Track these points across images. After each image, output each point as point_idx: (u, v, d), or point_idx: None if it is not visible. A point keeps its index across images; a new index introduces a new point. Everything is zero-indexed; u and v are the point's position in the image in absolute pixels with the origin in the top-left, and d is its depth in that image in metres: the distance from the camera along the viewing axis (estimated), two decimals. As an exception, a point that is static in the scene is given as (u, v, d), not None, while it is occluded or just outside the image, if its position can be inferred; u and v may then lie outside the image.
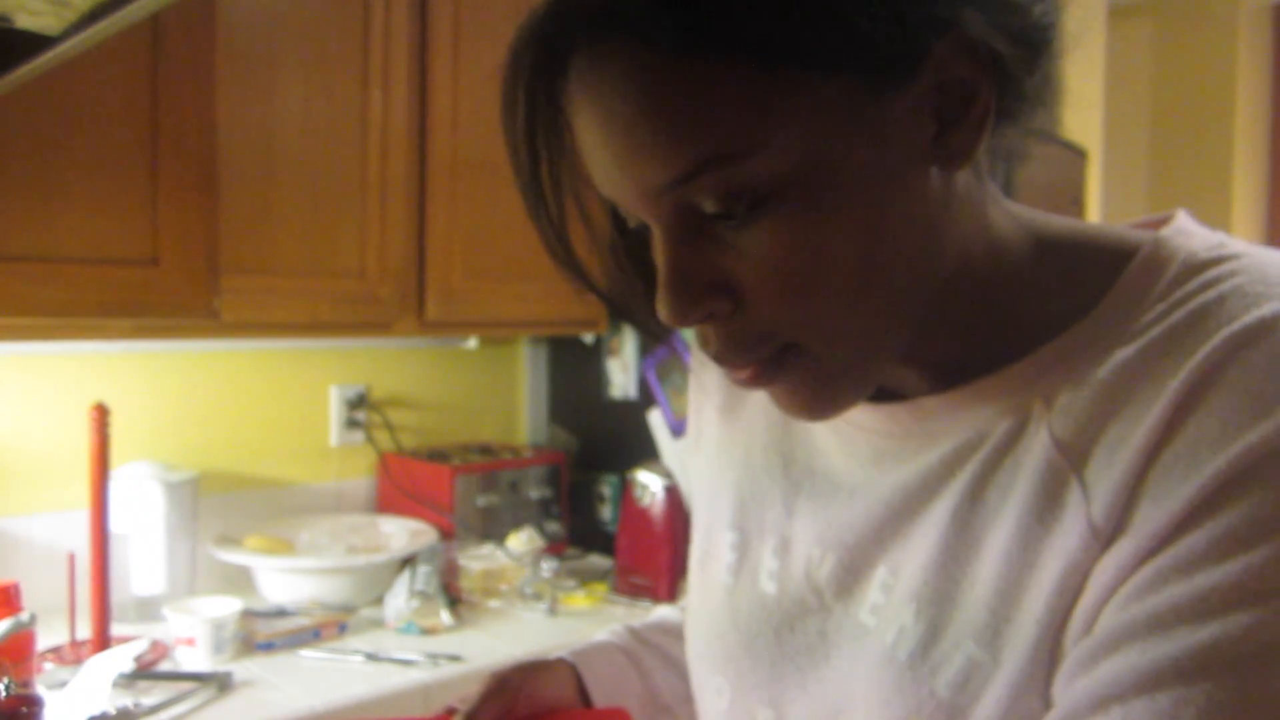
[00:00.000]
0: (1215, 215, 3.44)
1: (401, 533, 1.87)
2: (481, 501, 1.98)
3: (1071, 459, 0.45)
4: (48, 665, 1.43)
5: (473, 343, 2.21)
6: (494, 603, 1.79)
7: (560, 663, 0.73)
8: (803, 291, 0.45)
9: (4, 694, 1.11)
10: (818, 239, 0.44)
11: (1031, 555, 0.45)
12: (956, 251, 0.49)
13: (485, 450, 2.14)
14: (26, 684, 1.26)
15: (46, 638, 1.47)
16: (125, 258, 1.32)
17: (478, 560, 1.81)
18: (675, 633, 0.77)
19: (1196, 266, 0.46)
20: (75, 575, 1.50)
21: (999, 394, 0.48)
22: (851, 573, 0.54)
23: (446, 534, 1.91)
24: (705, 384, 0.68)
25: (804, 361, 0.47)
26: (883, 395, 0.54)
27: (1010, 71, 0.46)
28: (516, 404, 2.37)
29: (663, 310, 0.46)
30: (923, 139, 0.45)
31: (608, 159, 0.45)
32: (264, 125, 1.55)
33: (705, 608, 0.63)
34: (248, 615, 1.57)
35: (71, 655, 1.46)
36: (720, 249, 0.45)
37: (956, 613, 0.47)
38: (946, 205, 0.47)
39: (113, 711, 1.26)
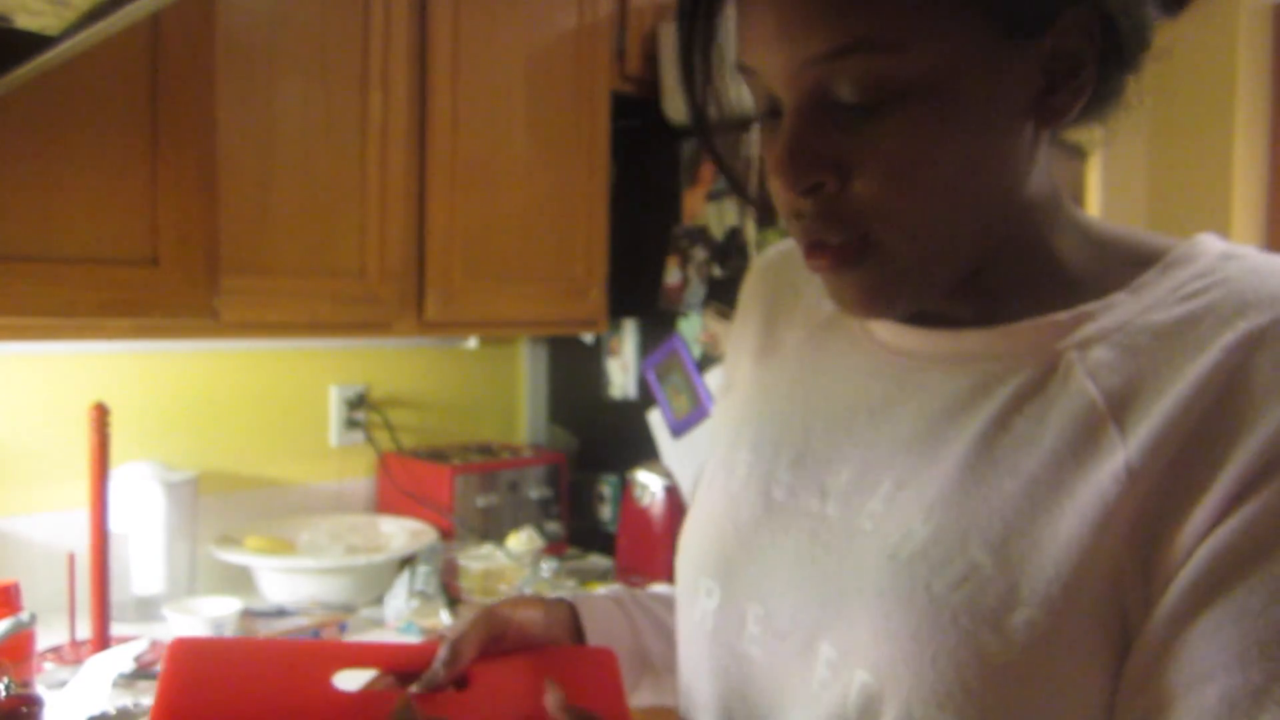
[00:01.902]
0: (1215, 215, 3.44)
1: (401, 533, 1.87)
2: (481, 501, 1.98)
3: (1111, 404, 0.50)
4: (48, 665, 1.43)
5: (472, 343, 2.21)
6: (494, 603, 1.79)
7: (560, 601, 0.74)
8: (902, 187, 0.50)
9: (4, 694, 1.11)
10: (928, 144, 0.50)
11: (1059, 482, 0.49)
12: (1027, 204, 0.55)
13: (485, 450, 2.14)
14: (26, 684, 1.26)
15: (46, 638, 1.47)
16: (125, 258, 1.32)
17: (477, 560, 1.81)
18: (669, 603, 0.78)
19: (1223, 259, 0.52)
20: (75, 575, 1.50)
21: (1035, 337, 0.53)
22: (859, 485, 0.57)
23: (446, 534, 1.91)
24: (745, 335, 0.73)
25: (878, 256, 0.52)
26: (922, 322, 0.59)
27: (1113, 59, 0.53)
28: (516, 404, 2.37)
29: (779, 176, 0.51)
30: (1030, 92, 0.52)
31: (771, 27, 0.50)
32: (264, 125, 1.55)
33: (708, 515, 0.66)
34: (248, 615, 1.57)
35: (71, 655, 1.46)
36: (839, 132, 0.51)
37: (967, 522, 0.51)
38: (1032, 159, 0.55)
39: (113, 711, 1.26)
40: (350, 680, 0.66)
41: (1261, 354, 0.47)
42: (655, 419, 2.04)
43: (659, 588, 0.84)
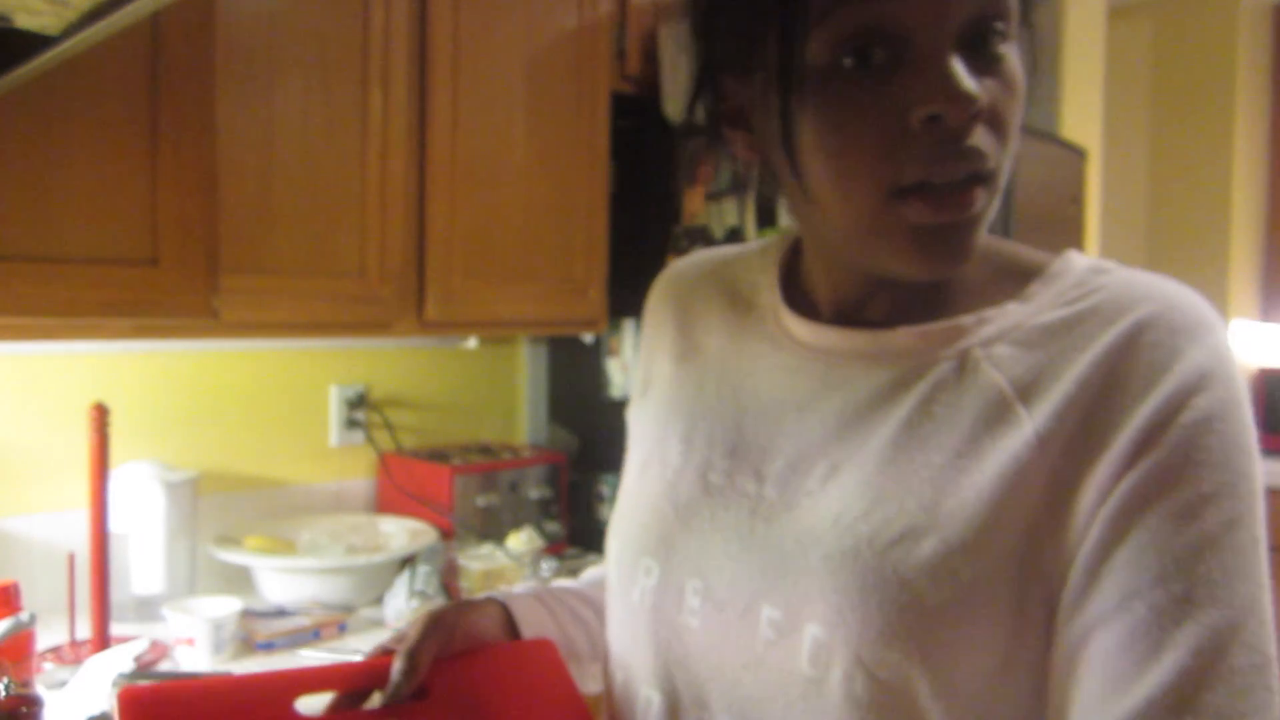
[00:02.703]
0: (1215, 215, 3.44)
1: (401, 533, 1.87)
2: (481, 501, 1.98)
3: (1016, 389, 0.59)
4: (48, 665, 1.43)
5: (472, 342, 2.21)
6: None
7: (490, 601, 0.79)
8: (1012, 127, 0.58)
9: (4, 694, 1.11)
10: (1020, 93, 0.58)
11: (977, 452, 0.58)
12: None
13: (485, 450, 2.14)
14: (26, 684, 1.26)
15: (46, 638, 1.47)
16: (125, 258, 1.32)
17: (477, 560, 1.81)
18: (579, 595, 0.85)
19: (1093, 273, 0.62)
20: (75, 575, 1.50)
21: (945, 338, 0.62)
22: (795, 469, 0.64)
23: (446, 534, 1.91)
24: (661, 339, 0.79)
25: (986, 194, 0.58)
26: (837, 324, 0.67)
27: None
28: (516, 404, 2.37)
29: (946, 95, 0.54)
30: None
31: None
32: (264, 125, 1.55)
33: (645, 501, 0.71)
34: (247, 615, 1.57)
35: (71, 655, 1.46)
36: (982, 64, 0.56)
37: (902, 489, 0.59)
38: None
39: (113, 712, 1.26)
40: (311, 706, 0.66)
41: (1145, 336, 0.56)
42: (655, 419, 2.04)
43: (564, 581, 0.89)
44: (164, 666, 1.46)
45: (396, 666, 0.68)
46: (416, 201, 1.74)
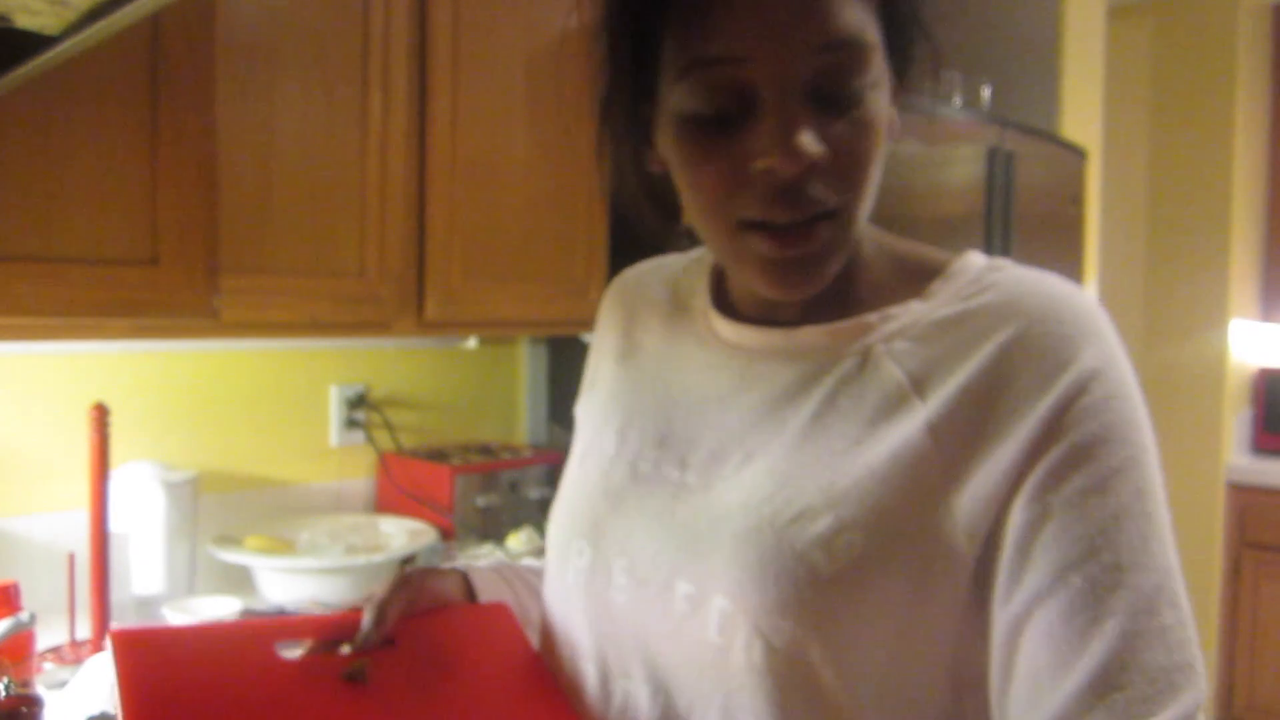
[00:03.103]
0: (1214, 215, 3.44)
1: (401, 533, 1.87)
2: (481, 501, 1.98)
3: (912, 381, 0.63)
4: (48, 665, 1.43)
5: (472, 343, 2.21)
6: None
7: (451, 569, 0.86)
8: (861, 168, 0.62)
9: (4, 694, 1.11)
10: (874, 134, 0.62)
11: (875, 439, 0.62)
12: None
13: (485, 450, 2.14)
14: (26, 684, 1.26)
15: (46, 638, 1.47)
16: (125, 258, 1.32)
17: (477, 560, 1.81)
18: (538, 572, 0.88)
19: (989, 270, 0.67)
20: (75, 575, 1.50)
21: (852, 335, 0.67)
22: (715, 457, 0.69)
23: (446, 534, 1.91)
24: (606, 339, 0.85)
25: (832, 227, 0.62)
26: (755, 323, 0.72)
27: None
28: (516, 404, 2.37)
29: (782, 152, 0.59)
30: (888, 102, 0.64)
31: (783, 16, 0.58)
32: (264, 125, 1.55)
33: (580, 488, 0.76)
34: (247, 615, 1.57)
35: (71, 655, 1.46)
36: (818, 119, 0.60)
37: (804, 475, 0.63)
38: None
39: (112, 711, 1.26)
40: (290, 650, 0.73)
41: (1036, 330, 0.61)
42: (655, 419, 2.04)
43: (529, 561, 0.95)
44: (164, 666, 1.46)
45: (366, 618, 0.74)
46: (416, 201, 1.74)
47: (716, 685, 0.63)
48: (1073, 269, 2.55)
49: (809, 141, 0.59)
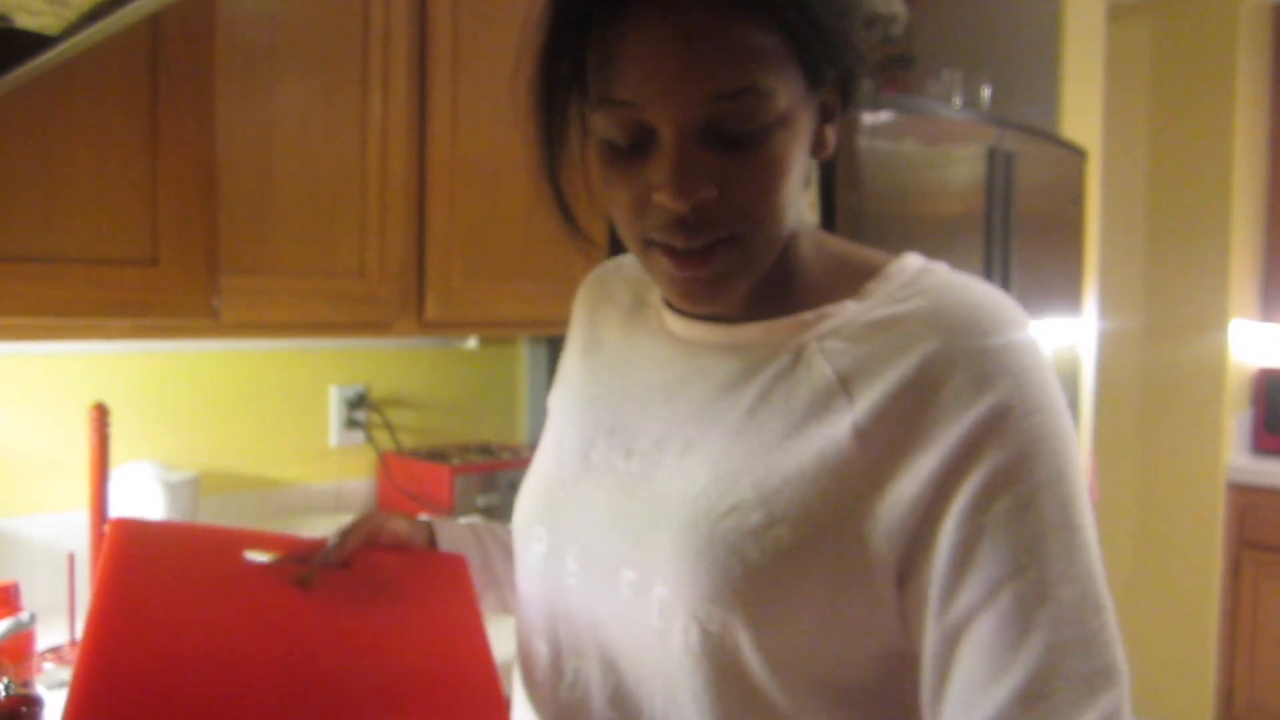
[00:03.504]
0: (1214, 215, 3.44)
1: (401, 533, 1.87)
2: (481, 501, 1.98)
3: (842, 380, 0.66)
4: (47, 665, 1.43)
5: (472, 342, 2.21)
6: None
7: (423, 521, 0.92)
8: (764, 197, 0.65)
9: (4, 694, 1.11)
10: (782, 166, 0.65)
11: (804, 436, 0.65)
12: (794, 222, 0.70)
13: (485, 450, 2.14)
14: (26, 684, 1.26)
15: (46, 638, 1.47)
16: (125, 258, 1.32)
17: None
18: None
19: (922, 273, 0.70)
20: (75, 575, 1.50)
21: (788, 332, 0.70)
22: (657, 447, 0.72)
23: (446, 534, 1.91)
24: (575, 336, 0.90)
25: (732, 252, 0.66)
26: (703, 318, 0.74)
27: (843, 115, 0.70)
28: (516, 404, 2.37)
29: (671, 190, 0.63)
30: (812, 132, 0.68)
31: (674, 68, 0.61)
32: (264, 125, 1.55)
33: (540, 477, 0.81)
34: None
35: (71, 655, 1.46)
36: (718, 155, 0.64)
37: (739, 469, 0.67)
38: (803, 185, 0.70)
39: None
40: (258, 557, 0.84)
41: (962, 342, 0.63)
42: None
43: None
44: (164, 666, 1.46)
45: (330, 541, 0.86)
46: (416, 201, 1.74)
47: (659, 666, 0.68)
48: (1073, 269, 2.55)
49: (697, 183, 0.63)
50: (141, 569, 0.77)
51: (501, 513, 2.02)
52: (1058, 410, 0.64)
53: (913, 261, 0.71)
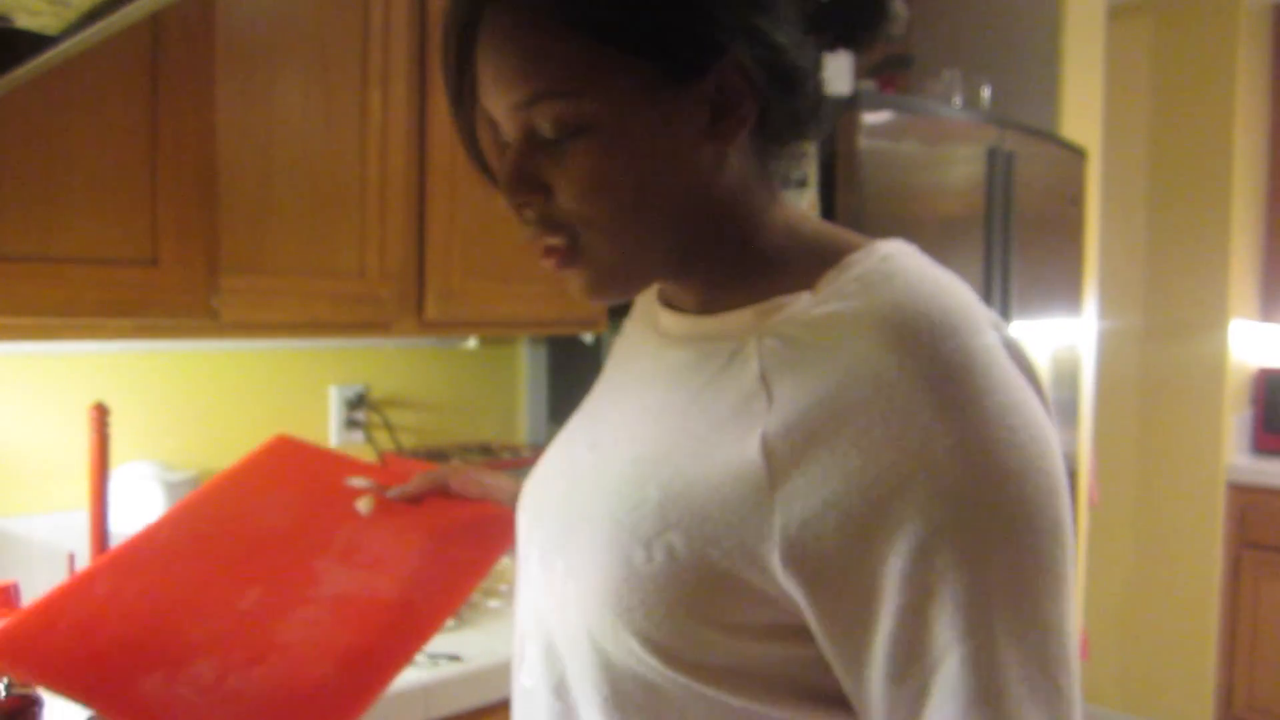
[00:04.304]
0: (1214, 215, 3.44)
1: (401, 533, 1.87)
2: (481, 501, 1.98)
3: (766, 383, 0.61)
4: (48, 665, 1.43)
5: (472, 343, 2.21)
6: (494, 603, 1.79)
7: (509, 480, 0.96)
8: (591, 200, 0.62)
9: (4, 694, 1.11)
10: (607, 168, 0.62)
11: (719, 441, 0.61)
12: (728, 208, 0.66)
13: (485, 450, 2.14)
14: (27, 684, 1.26)
15: (46, 638, 1.47)
16: (125, 258, 1.32)
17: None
18: None
19: (877, 265, 0.62)
20: (75, 575, 1.50)
21: (738, 324, 0.65)
22: (611, 439, 0.71)
23: (446, 534, 1.91)
24: (616, 353, 0.88)
25: (587, 255, 0.65)
26: (678, 308, 0.73)
27: (770, 95, 0.63)
28: (516, 404, 2.37)
29: (502, 192, 0.64)
30: (699, 122, 0.63)
31: (489, 79, 0.63)
32: (264, 125, 1.55)
33: (541, 468, 0.81)
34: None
35: (71, 655, 1.46)
36: (545, 159, 0.63)
37: (653, 468, 0.64)
38: (718, 173, 0.65)
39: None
40: (355, 482, 0.99)
41: (885, 373, 0.56)
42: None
43: None
44: (164, 666, 1.46)
45: (413, 481, 0.97)
46: (416, 201, 1.74)
47: (582, 658, 0.66)
48: (1073, 269, 2.55)
49: (523, 185, 0.64)
50: (261, 473, 0.96)
51: (501, 513, 2.02)
52: (1014, 440, 0.55)
53: (880, 249, 0.64)
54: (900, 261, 0.62)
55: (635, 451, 0.67)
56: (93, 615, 0.82)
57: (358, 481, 0.98)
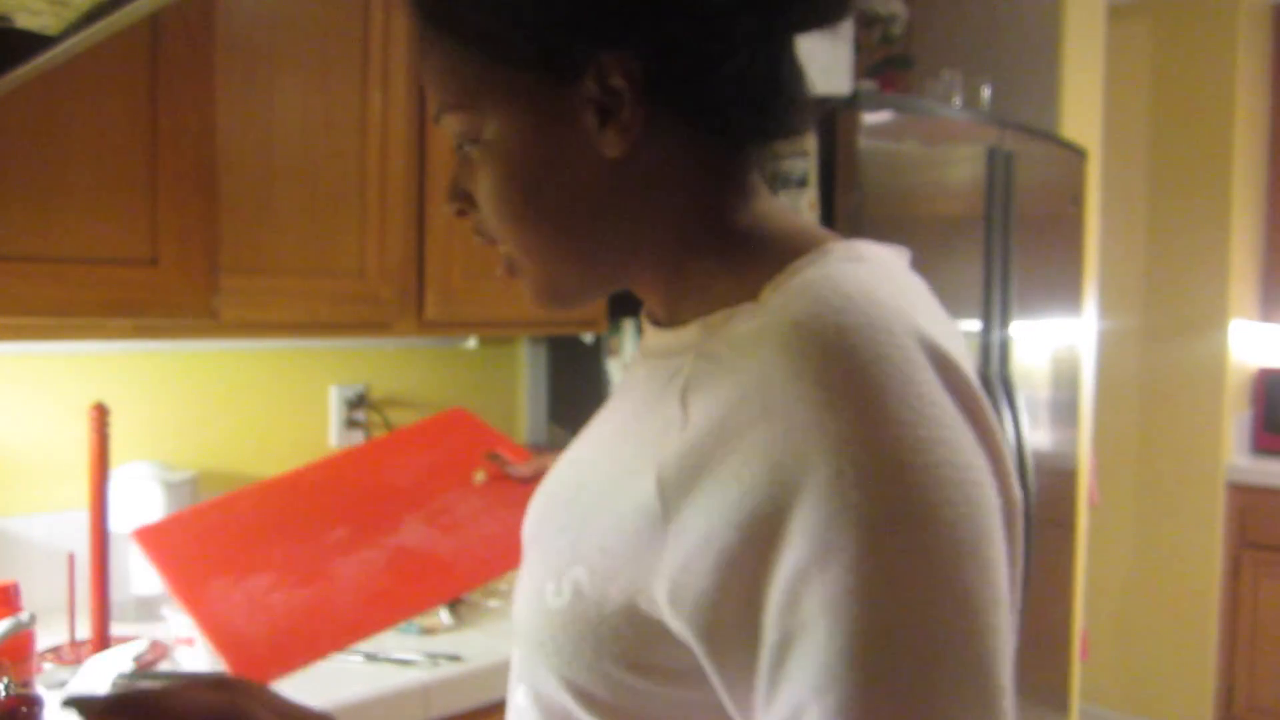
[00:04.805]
0: (1214, 214, 3.44)
1: (401, 533, 1.87)
2: (481, 501, 1.98)
3: (684, 407, 0.56)
4: (47, 665, 1.43)
5: (472, 343, 2.21)
6: (494, 603, 1.79)
7: None
8: (498, 215, 0.62)
9: (4, 694, 1.11)
10: (503, 180, 0.61)
11: (635, 470, 0.56)
12: (658, 222, 0.61)
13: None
14: (26, 684, 1.26)
15: (46, 638, 1.47)
16: (125, 258, 1.32)
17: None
18: None
19: (808, 269, 0.56)
20: (75, 575, 1.50)
21: (679, 344, 0.60)
22: (587, 455, 0.68)
23: (446, 534, 1.91)
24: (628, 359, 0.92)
25: (516, 267, 0.64)
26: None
27: (673, 95, 0.58)
28: (516, 404, 2.37)
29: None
30: (587, 128, 0.58)
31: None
32: (264, 125, 1.55)
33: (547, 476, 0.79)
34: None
35: (71, 655, 1.46)
36: (468, 171, 0.63)
37: (579, 494, 0.62)
38: (618, 183, 0.60)
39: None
40: (495, 458, 1.13)
41: (769, 399, 0.50)
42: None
43: None
44: (164, 666, 1.46)
45: (529, 461, 1.08)
46: (416, 201, 1.74)
47: (543, 676, 0.62)
48: (1073, 269, 2.55)
49: (451, 195, 0.65)
50: (422, 436, 1.11)
51: (501, 513, 2.02)
52: (916, 462, 0.48)
53: (831, 254, 0.57)
54: (828, 269, 0.55)
55: (582, 476, 0.64)
56: (215, 525, 1.02)
57: (497, 457, 1.10)
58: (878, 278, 0.56)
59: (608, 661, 0.55)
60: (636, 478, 0.55)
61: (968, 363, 0.54)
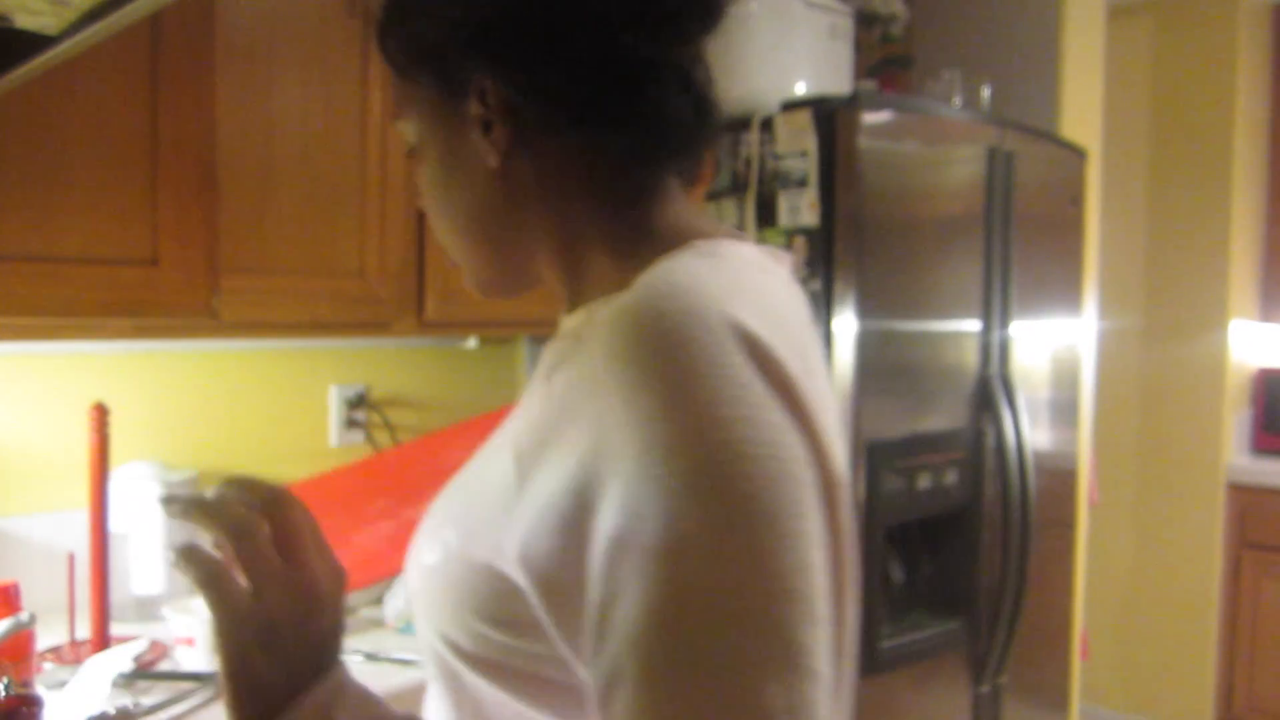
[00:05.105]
0: (1214, 215, 3.44)
1: (401, 533, 1.87)
2: (481, 501, 1.98)
3: (549, 384, 0.63)
4: (47, 665, 1.43)
5: (472, 342, 2.21)
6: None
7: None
8: (428, 212, 0.73)
9: (4, 694, 1.11)
10: (426, 182, 0.70)
11: (507, 438, 0.63)
12: (554, 223, 0.67)
13: (485, 450, 2.14)
14: (26, 684, 1.26)
15: (46, 638, 1.47)
16: (125, 258, 1.32)
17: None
18: None
19: (664, 260, 0.60)
20: (75, 575, 1.50)
21: (566, 328, 0.68)
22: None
23: (446, 534, 1.91)
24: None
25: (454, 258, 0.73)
26: None
27: (533, 115, 0.64)
28: (516, 404, 2.37)
29: None
30: (475, 141, 0.65)
31: None
32: (264, 125, 1.55)
33: None
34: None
35: (71, 655, 1.46)
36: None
37: (470, 470, 0.67)
38: (506, 188, 0.67)
39: (112, 711, 1.26)
40: None
41: (597, 377, 0.54)
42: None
43: None
44: (164, 666, 1.46)
45: None
46: (416, 201, 1.74)
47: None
48: (1073, 269, 2.55)
49: (416, 194, 0.72)
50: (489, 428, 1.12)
51: (501, 513, 2.02)
52: (720, 437, 0.50)
53: (693, 249, 0.61)
54: (675, 261, 0.58)
55: (485, 456, 0.68)
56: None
57: None
58: (717, 271, 0.58)
59: (468, 614, 0.60)
60: (503, 449, 0.61)
61: (793, 352, 0.56)
